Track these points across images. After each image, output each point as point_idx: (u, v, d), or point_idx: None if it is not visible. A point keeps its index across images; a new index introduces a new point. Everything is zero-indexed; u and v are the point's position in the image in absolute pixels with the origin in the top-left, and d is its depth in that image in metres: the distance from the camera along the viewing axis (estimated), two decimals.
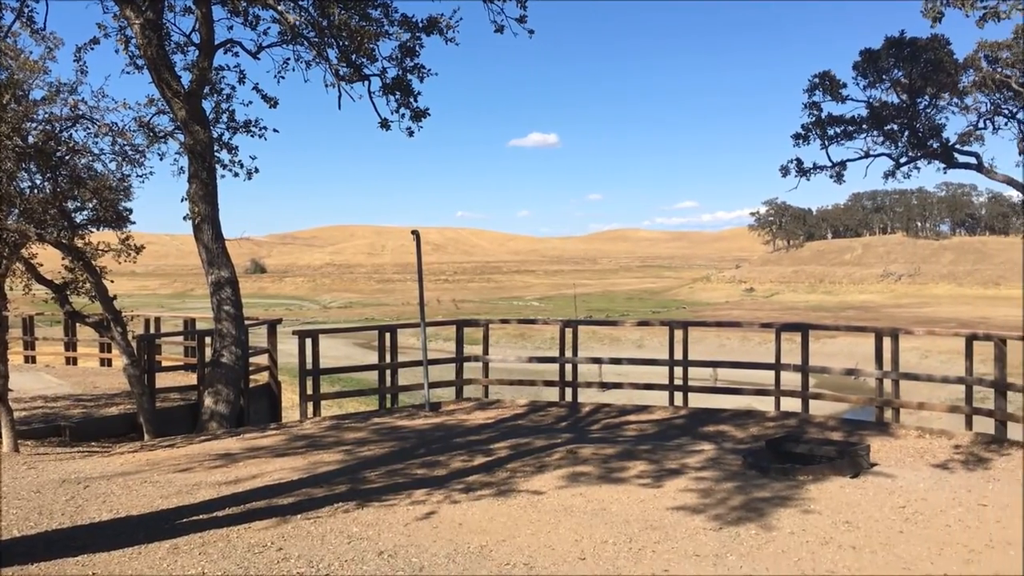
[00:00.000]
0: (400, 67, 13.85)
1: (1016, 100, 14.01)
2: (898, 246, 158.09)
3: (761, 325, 15.32)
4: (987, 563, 6.49)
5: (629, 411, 13.80)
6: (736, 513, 7.73)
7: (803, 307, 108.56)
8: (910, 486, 8.72)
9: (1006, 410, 11.48)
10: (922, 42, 13.89)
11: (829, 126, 15.11)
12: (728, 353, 53.60)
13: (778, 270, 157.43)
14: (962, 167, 14.82)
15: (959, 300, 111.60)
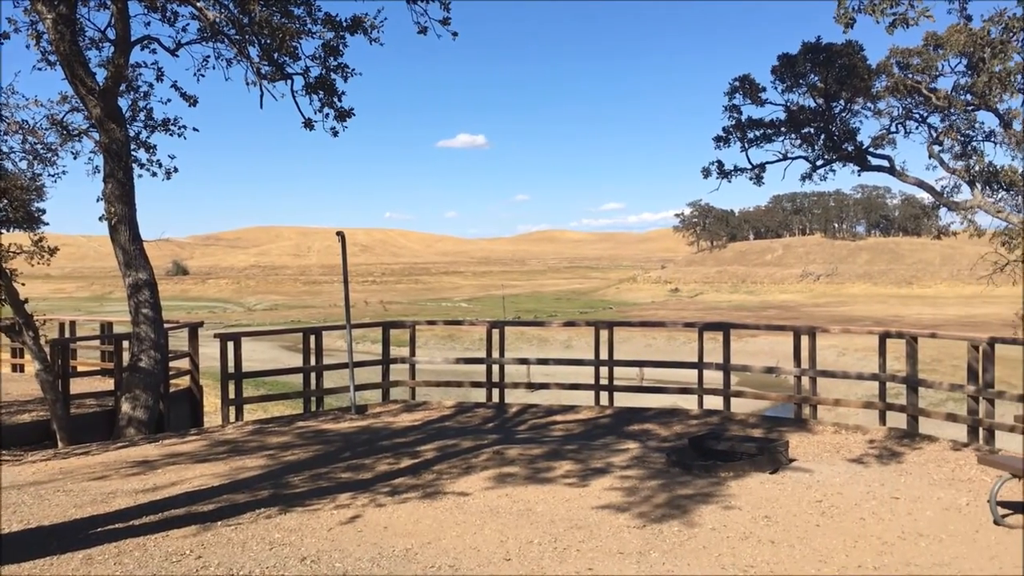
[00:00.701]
0: (324, 66, 13.68)
1: (926, 105, 14.49)
2: (817, 247, 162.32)
3: (684, 325, 15.55)
4: (899, 554, 6.70)
5: (556, 411, 13.87)
6: (660, 510, 7.84)
7: (726, 307, 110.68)
8: (827, 480, 8.96)
9: (918, 405, 11.88)
10: (837, 48, 14.28)
11: (749, 129, 15.44)
12: (654, 353, 54.33)
13: (702, 270, 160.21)
14: (875, 170, 15.29)
15: (874, 299, 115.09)
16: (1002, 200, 13.94)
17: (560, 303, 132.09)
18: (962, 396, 11.57)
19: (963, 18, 12.36)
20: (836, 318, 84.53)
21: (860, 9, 8.55)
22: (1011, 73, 12.97)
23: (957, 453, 10.37)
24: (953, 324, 71.41)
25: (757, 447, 9.85)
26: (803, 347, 12.84)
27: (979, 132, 14.44)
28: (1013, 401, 11.31)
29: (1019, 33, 11.75)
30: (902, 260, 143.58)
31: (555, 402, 14.97)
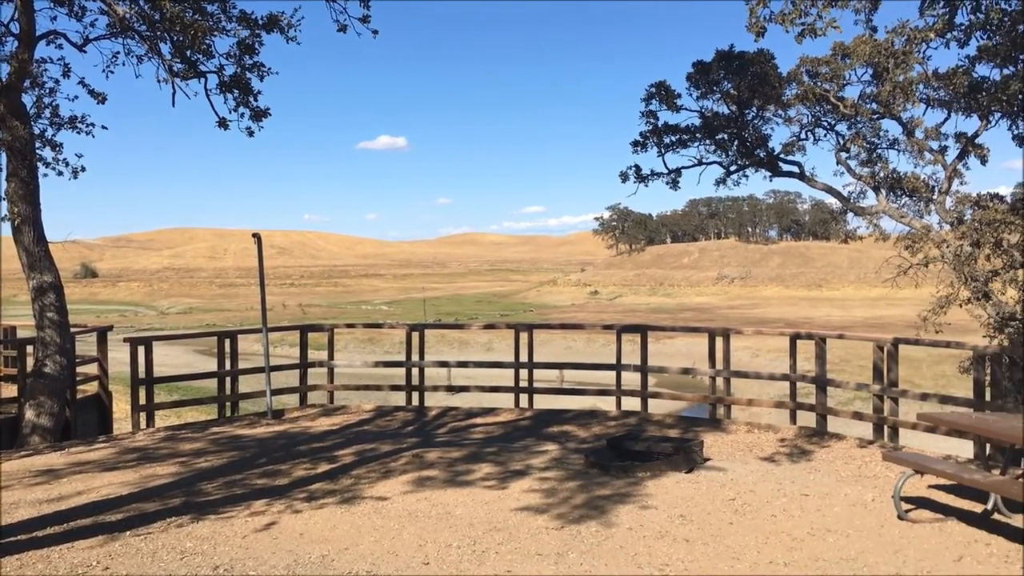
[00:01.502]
0: (239, 65, 13.42)
1: (834, 113, 14.93)
2: (731, 250, 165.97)
3: (603, 327, 15.74)
4: (809, 549, 6.89)
5: (476, 414, 13.88)
6: (578, 511, 7.90)
7: (644, 309, 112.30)
8: (740, 479, 9.15)
9: (826, 404, 12.24)
10: (749, 56, 14.62)
11: (665, 134, 15.67)
12: (574, 355, 54.78)
13: (621, 273, 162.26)
14: (786, 175, 15.69)
15: (786, 301, 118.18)
16: (905, 206, 14.46)
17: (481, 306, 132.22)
18: (868, 395, 11.96)
19: (869, 29, 12.81)
20: (750, 320, 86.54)
21: (770, 19, 8.79)
22: (913, 83, 13.48)
23: (863, 450, 10.71)
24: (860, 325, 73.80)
25: (673, 447, 10.01)
26: (718, 348, 13.10)
27: (884, 140, 14.97)
28: (915, 399, 11.76)
29: (920, 44, 12.23)
30: (812, 263, 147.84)
31: (476, 404, 14.97)
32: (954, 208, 13.88)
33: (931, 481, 8.73)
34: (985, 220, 12.73)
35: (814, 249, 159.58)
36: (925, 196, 14.22)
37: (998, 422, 8.16)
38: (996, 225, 12.64)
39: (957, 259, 12.83)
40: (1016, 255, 12.64)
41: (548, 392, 15.38)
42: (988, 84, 13.15)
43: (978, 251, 12.85)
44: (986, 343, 11.98)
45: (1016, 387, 11.54)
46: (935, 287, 13.65)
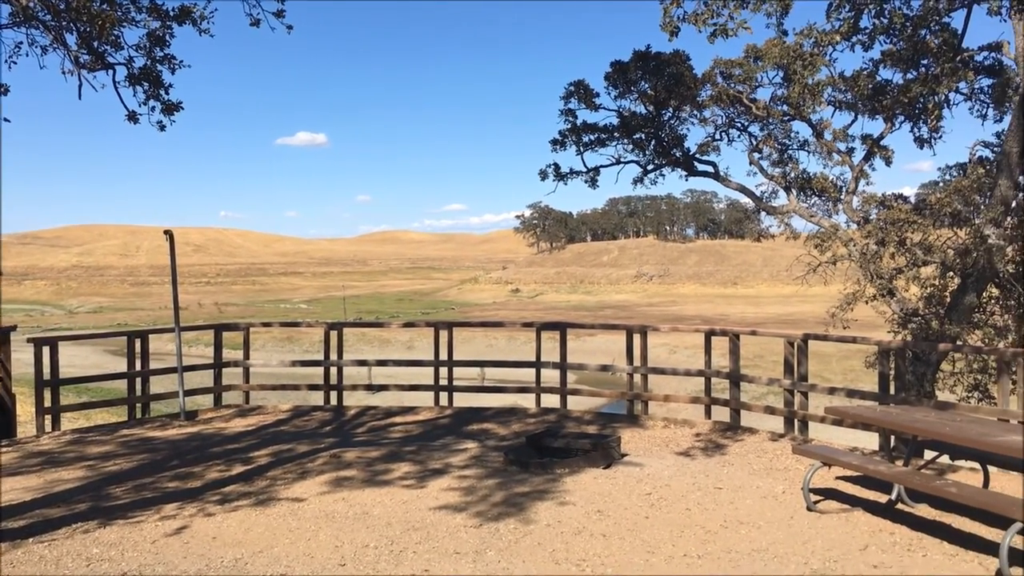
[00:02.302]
0: (149, 56, 13.00)
1: (747, 114, 15.28)
2: (650, 248, 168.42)
3: (523, 324, 15.77)
4: (722, 541, 7.03)
5: (395, 413, 13.78)
6: (497, 509, 7.91)
7: (565, 306, 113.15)
8: (656, 473, 9.29)
9: (739, 399, 12.50)
10: (665, 57, 14.85)
11: (584, 133, 15.81)
12: (496, 352, 54.92)
13: (542, 271, 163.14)
14: (701, 175, 15.99)
15: (703, 299, 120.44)
16: (815, 205, 14.89)
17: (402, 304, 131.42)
18: (780, 390, 12.26)
19: (780, 32, 13.13)
20: (668, 317, 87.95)
21: (684, 19, 8.95)
22: (821, 85, 13.89)
23: (775, 443, 10.98)
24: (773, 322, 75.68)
25: (591, 443, 10.10)
26: (635, 345, 13.26)
27: (794, 141, 15.40)
28: (825, 393, 12.11)
29: (827, 47, 12.60)
30: (728, 262, 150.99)
31: (396, 403, 14.86)
32: (861, 208, 14.33)
33: (839, 473, 9.01)
34: (890, 220, 13.18)
35: (729, 247, 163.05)
36: (833, 196, 14.65)
37: (901, 415, 8.46)
38: (900, 224, 13.09)
39: (863, 257, 13.25)
40: (919, 253, 13.12)
41: (468, 390, 15.35)
42: (891, 87, 13.63)
43: (883, 249, 13.29)
44: (890, 338, 12.40)
45: (918, 380, 12.00)
46: (843, 284, 14.07)
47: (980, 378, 13.55)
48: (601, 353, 39.67)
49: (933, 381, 12.71)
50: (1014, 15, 11.23)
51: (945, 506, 7.80)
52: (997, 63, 13.39)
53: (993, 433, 7.32)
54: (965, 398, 13.46)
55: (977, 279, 12.44)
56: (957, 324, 12.30)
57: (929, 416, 8.22)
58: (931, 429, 7.49)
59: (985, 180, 13.10)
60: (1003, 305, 13.53)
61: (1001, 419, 9.53)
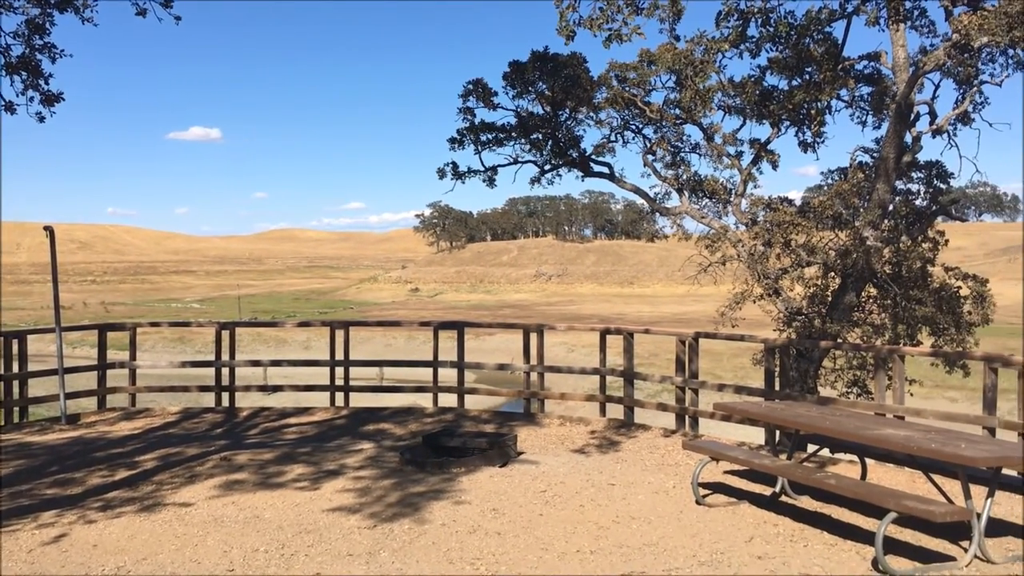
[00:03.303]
0: (27, 45, 12.47)
1: (641, 117, 15.59)
2: (549, 248, 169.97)
3: (420, 324, 15.73)
4: (614, 537, 7.15)
5: (290, 414, 13.54)
6: (392, 509, 7.86)
7: (465, 306, 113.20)
8: (551, 471, 9.38)
9: (633, 397, 12.74)
10: (563, 58, 15.02)
11: (482, 132, 15.85)
12: (394, 352, 54.53)
13: (442, 270, 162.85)
14: (597, 176, 16.23)
15: (600, 298, 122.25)
16: (706, 207, 15.31)
17: (299, 303, 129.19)
18: (673, 387, 12.54)
19: (672, 38, 13.46)
20: (566, 316, 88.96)
21: (580, 23, 9.08)
22: (712, 91, 14.31)
23: (667, 440, 11.23)
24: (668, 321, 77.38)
25: (488, 442, 10.14)
26: (532, 344, 13.36)
27: (687, 144, 15.80)
28: (715, 390, 12.45)
29: (716, 54, 12.97)
30: (625, 262, 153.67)
31: (291, 404, 14.60)
32: (749, 210, 14.80)
33: (727, 467, 9.27)
34: (776, 222, 13.66)
35: (626, 248, 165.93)
36: (723, 198, 15.10)
37: (784, 410, 8.76)
38: (785, 226, 13.58)
39: (751, 258, 13.70)
40: (803, 254, 13.63)
41: (366, 390, 15.20)
42: (777, 93, 14.13)
43: (770, 250, 13.77)
44: (776, 336, 12.84)
45: (802, 377, 12.46)
46: (732, 284, 14.50)
47: (859, 374, 14.16)
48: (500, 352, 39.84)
49: (816, 377, 13.23)
50: (891, 26, 11.78)
51: (826, 498, 8.11)
52: (876, 72, 14.03)
53: (869, 427, 7.65)
54: (845, 393, 14.05)
55: (856, 279, 13.00)
56: (838, 322, 12.82)
57: (811, 411, 8.54)
58: (812, 424, 7.78)
59: (864, 184, 13.70)
60: (880, 304, 14.19)
61: (878, 413, 9.98)
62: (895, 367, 10.25)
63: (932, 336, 13.92)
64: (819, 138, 14.28)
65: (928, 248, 14.01)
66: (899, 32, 12.34)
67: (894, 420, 9.24)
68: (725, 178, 15.24)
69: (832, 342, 12.21)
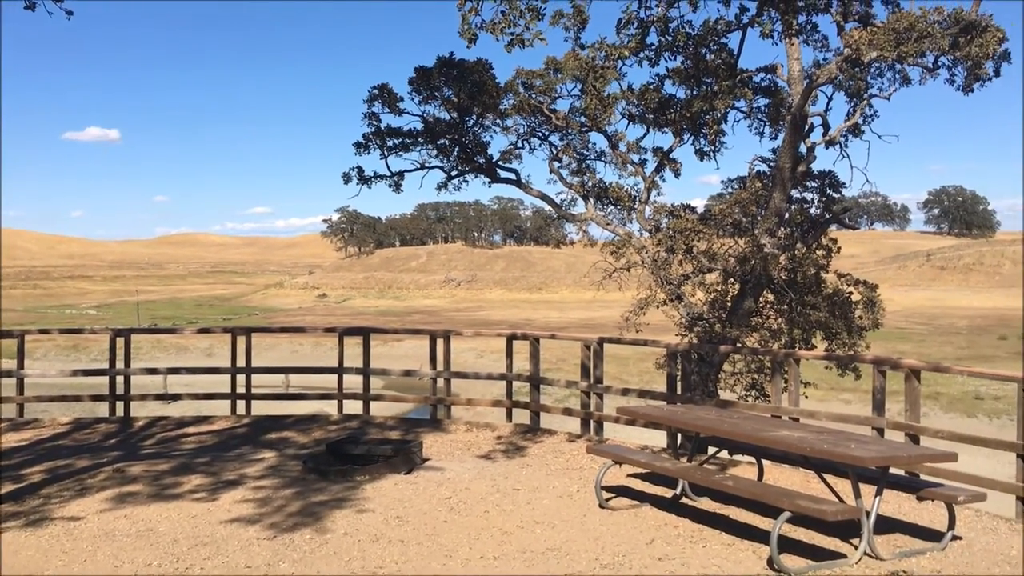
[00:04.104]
0: None
1: (548, 124, 15.69)
2: (458, 254, 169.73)
3: (325, 330, 15.50)
4: (518, 542, 7.16)
5: (189, 423, 13.16)
6: (293, 519, 7.72)
7: (373, 312, 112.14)
8: (457, 477, 9.36)
9: (539, 402, 12.82)
10: (469, 64, 15.00)
11: (388, 137, 15.70)
12: (300, 359, 53.62)
13: (350, 276, 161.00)
14: (504, 182, 16.26)
15: (509, 304, 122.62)
16: (611, 214, 15.49)
17: (202, 309, 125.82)
18: (578, 392, 12.66)
19: (577, 45, 13.60)
20: (475, 322, 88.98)
21: (482, 27, 9.10)
22: (616, 99, 14.52)
23: (572, 444, 11.32)
24: (576, 326, 78.12)
25: (393, 449, 10.06)
26: (439, 350, 13.32)
27: (592, 151, 15.94)
28: (619, 395, 12.63)
29: (617, 61, 13.17)
30: (534, 268, 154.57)
31: (195, 412, 14.19)
32: (652, 217, 15.05)
33: (630, 470, 9.40)
34: (678, 229, 13.93)
35: (535, 254, 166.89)
36: (628, 205, 15.31)
37: (685, 413, 8.94)
38: (687, 233, 13.86)
39: (655, 264, 13.93)
40: (704, 261, 13.93)
41: (268, 398, 14.92)
42: (676, 102, 14.43)
43: (672, 257, 14.02)
44: (678, 341, 13.08)
45: (703, 380, 12.73)
46: (637, 290, 14.71)
47: (757, 377, 14.54)
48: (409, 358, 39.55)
49: (716, 381, 13.52)
50: (785, 39, 12.16)
51: (725, 499, 8.30)
52: (772, 84, 14.45)
53: (766, 429, 7.87)
54: (744, 396, 14.40)
55: (755, 285, 13.35)
56: (737, 327, 13.14)
57: (711, 414, 8.73)
58: (712, 426, 7.96)
59: (762, 193, 14.09)
60: (777, 309, 14.60)
61: (774, 415, 10.28)
62: (791, 370, 10.56)
63: (826, 340, 14.39)
64: (715, 147, 14.63)
65: (822, 255, 14.47)
66: (793, 46, 12.75)
67: (789, 422, 9.51)
68: (629, 185, 15.47)
69: (731, 346, 12.50)
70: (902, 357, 9.97)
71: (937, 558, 6.90)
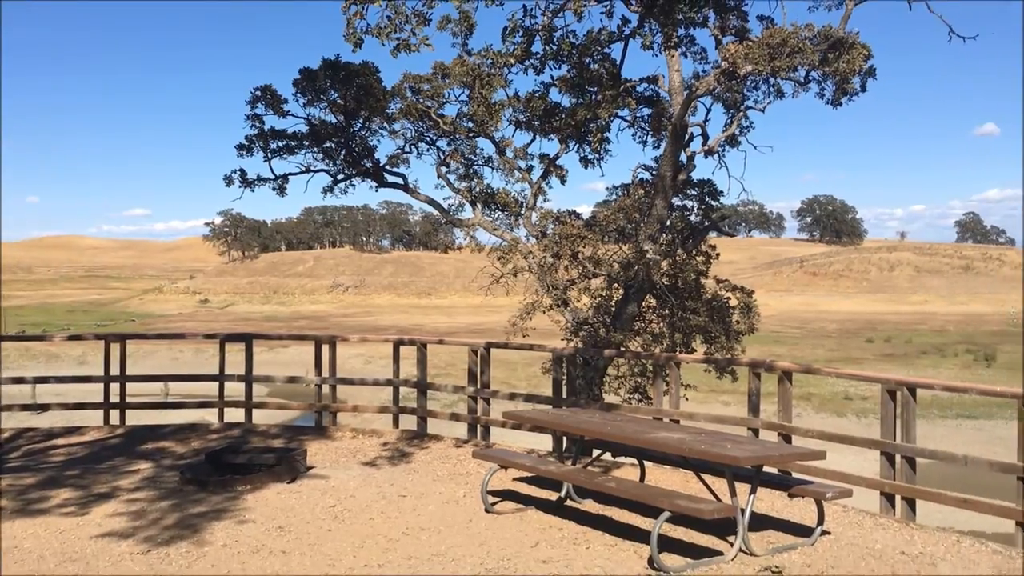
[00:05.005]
0: None
1: (435, 129, 15.69)
2: (346, 259, 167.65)
3: (205, 336, 15.09)
4: (403, 549, 7.12)
5: (58, 434, 12.56)
6: (169, 532, 7.47)
7: (258, 317, 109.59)
8: (341, 485, 9.23)
9: (427, 407, 12.78)
10: (355, 67, 14.85)
11: (272, 139, 15.39)
12: (181, 366, 51.85)
13: (234, 281, 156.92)
14: (392, 186, 16.15)
15: (398, 309, 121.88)
16: (498, 219, 15.60)
17: (75, 315, 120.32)
18: (465, 397, 12.68)
19: (464, 51, 13.64)
20: (364, 327, 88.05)
21: (367, 31, 9.04)
22: (503, 105, 14.65)
23: (459, 449, 11.33)
24: (465, 331, 78.23)
25: (276, 457, 9.86)
26: (324, 356, 13.13)
27: (480, 157, 16.03)
28: (506, 399, 12.71)
29: (503, 68, 13.28)
30: (423, 273, 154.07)
31: (62, 423, 13.55)
32: (539, 223, 15.22)
33: (515, 474, 9.47)
34: (564, 234, 14.14)
35: (424, 259, 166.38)
36: (515, 211, 15.44)
37: (569, 417, 9.08)
38: (573, 239, 14.08)
39: (541, 269, 14.08)
40: (589, 266, 14.17)
41: (145, 407, 14.42)
42: (561, 110, 14.65)
43: (558, 262, 14.21)
44: (564, 345, 13.25)
45: (588, 384, 12.94)
46: (524, 295, 14.85)
47: (640, 381, 14.86)
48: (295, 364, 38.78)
49: (601, 385, 13.76)
50: (666, 51, 12.49)
51: (608, 500, 8.45)
52: (655, 94, 14.82)
53: (647, 431, 8.06)
54: (628, 399, 14.69)
55: (638, 290, 13.65)
56: (621, 332, 13.41)
57: (594, 417, 8.88)
58: (595, 429, 8.10)
59: (645, 200, 14.44)
60: (659, 314, 14.99)
61: (656, 417, 10.54)
62: (672, 374, 10.84)
63: (705, 344, 14.84)
64: (600, 155, 14.90)
65: (702, 261, 14.93)
66: (674, 58, 13.12)
67: (670, 424, 9.77)
68: (517, 191, 15.60)
69: (616, 350, 12.75)
70: (776, 360, 10.37)
71: (807, 552, 7.20)
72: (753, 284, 18.31)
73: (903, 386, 8.69)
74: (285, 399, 22.32)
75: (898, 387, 8.70)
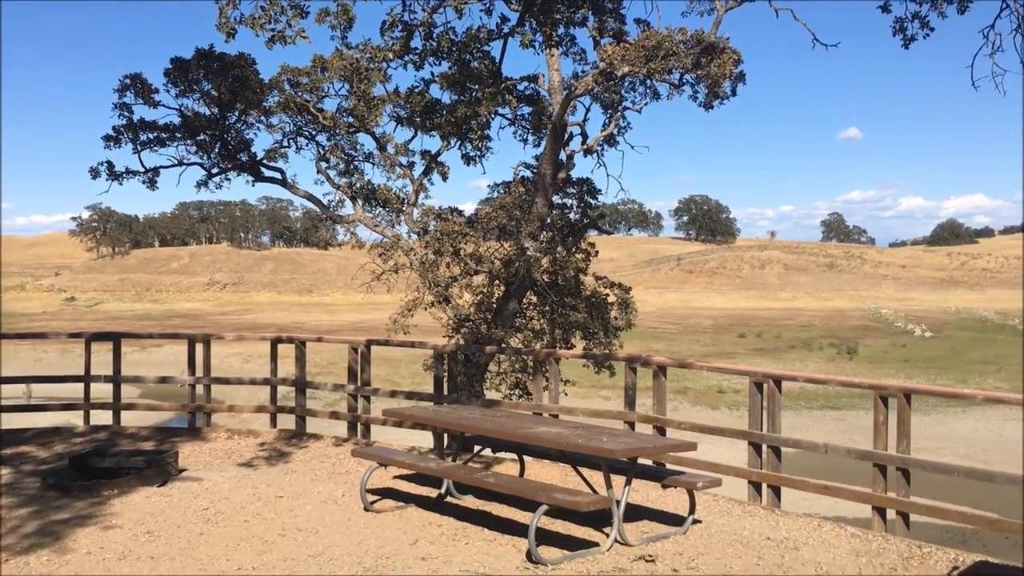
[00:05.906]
0: None
1: (315, 124, 15.43)
2: (224, 256, 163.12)
3: (70, 335, 14.43)
4: (278, 551, 6.98)
5: None
6: (29, 540, 7.11)
7: (129, 316, 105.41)
8: (215, 487, 8.98)
9: (306, 406, 12.56)
10: (230, 58, 14.44)
11: (142, 131, 14.82)
12: (45, 367, 49.40)
13: (103, 278, 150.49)
14: (269, 181, 15.81)
15: (279, 307, 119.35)
16: (379, 216, 15.48)
17: None
18: (345, 395, 12.53)
19: (344, 45, 13.49)
20: (242, 326, 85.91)
21: (241, 21, 8.81)
22: (384, 100, 14.54)
23: (338, 448, 11.18)
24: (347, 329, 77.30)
25: (146, 460, 9.51)
26: (198, 355, 12.75)
27: (360, 153, 15.86)
28: (387, 397, 12.62)
29: (382, 63, 13.20)
30: (304, 270, 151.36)
31: None
32: (421, 219, 15.18)
33: (396, 472, 9.41)
34: (446, 231, 14.15)
35: (305, 256, 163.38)
36: (396, 207, 15.36)
37: (450, 413, 9.09)
38: (455, 236, 14.10)
39: (423, 266, 14.06)
40: (471, 264, 14.22)
41: (5, 410, 13.58)
42: (442, 107, 14.66)
43: (440, 259, 14.21)
44: (445, 342, 13.27)
45: (469, 381, 12.99)
46: (406, 292, 14.78)
47: (521, 377, 15.02)
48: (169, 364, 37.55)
49: (482, 381, 13.84)
50: (546, 51, 12.67)
51: (488, 496, 8.49)
52: (536, 93, 15.00)
53: (526, 426, 8.14)
54: (509, 395, 14.83)
55: (519, 287, 13.79)
56: (502, 328, 13.52)
57: (475, 414, 8.92)
58: (476, 425, 8.13)
59: (526, 198, 14.59)
60: (540, 311, 15.18)
61: (536, 413, 10.66)
62: (552, 369, 10.99)
63: (585, 340, 15.11)
64: (481, 152, 14.98)
65: (582, 259, 15.19)
66: (554, 57, 13.31)
67: (549, 419, 9.90)
68: (398, 188, 15.52)
69: (497, 347, 12.84)
70: (652, 355, 10.64)
71: (679, 541, 7.42)
72: (632, 281, 18.75)
73: (769, 379, 9.06)
74: (157, 400, 21.48)
75: (764, 380, 9.07)
